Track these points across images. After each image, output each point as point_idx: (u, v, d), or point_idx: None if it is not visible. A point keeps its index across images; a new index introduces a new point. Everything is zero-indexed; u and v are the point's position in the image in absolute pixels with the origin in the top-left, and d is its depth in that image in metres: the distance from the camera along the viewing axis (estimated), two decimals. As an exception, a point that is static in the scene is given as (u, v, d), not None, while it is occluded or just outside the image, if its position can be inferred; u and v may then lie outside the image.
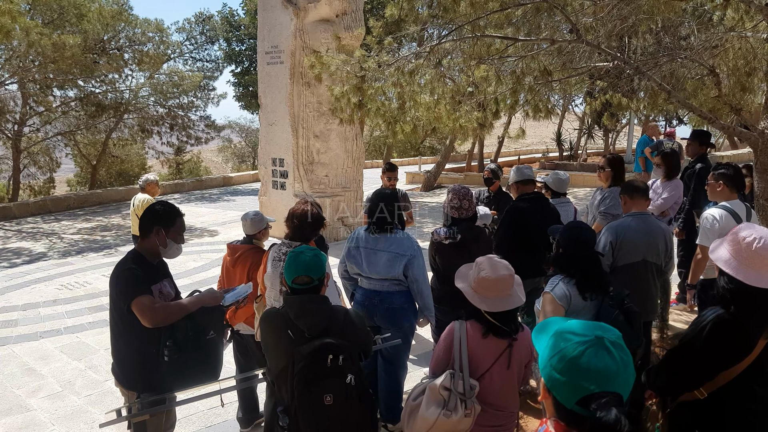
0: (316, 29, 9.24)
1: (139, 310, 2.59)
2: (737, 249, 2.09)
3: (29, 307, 6.85)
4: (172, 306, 2.69)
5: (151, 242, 2.79)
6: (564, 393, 1.21)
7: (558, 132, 21.86)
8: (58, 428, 4.16)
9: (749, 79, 5.16)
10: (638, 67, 4.12)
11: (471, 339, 2.43)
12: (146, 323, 2.60)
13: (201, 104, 23.93)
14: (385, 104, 4.94)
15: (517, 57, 4.58)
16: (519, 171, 4.50)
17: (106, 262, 8.97)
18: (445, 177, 17.52)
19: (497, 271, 2.42)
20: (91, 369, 5.11)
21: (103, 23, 17.36)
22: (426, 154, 28.41)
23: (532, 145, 33.75)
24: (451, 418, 2.30)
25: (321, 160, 9.79)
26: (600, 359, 1.19)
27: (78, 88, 19.15)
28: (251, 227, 3.96)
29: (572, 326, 1.29)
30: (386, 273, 3.52)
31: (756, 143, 3.82)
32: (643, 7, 3.86)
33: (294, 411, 2.17)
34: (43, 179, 23.82)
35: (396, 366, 3.69)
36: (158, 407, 2.70)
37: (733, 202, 3.87)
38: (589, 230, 2.91)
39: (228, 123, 31.67)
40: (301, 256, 2.32)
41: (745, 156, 15.33)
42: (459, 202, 3.80)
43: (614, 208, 4.55)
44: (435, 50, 4.43)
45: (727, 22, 4.58)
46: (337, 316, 2.32)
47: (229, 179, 19.70)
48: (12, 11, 10.83)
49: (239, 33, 22.14)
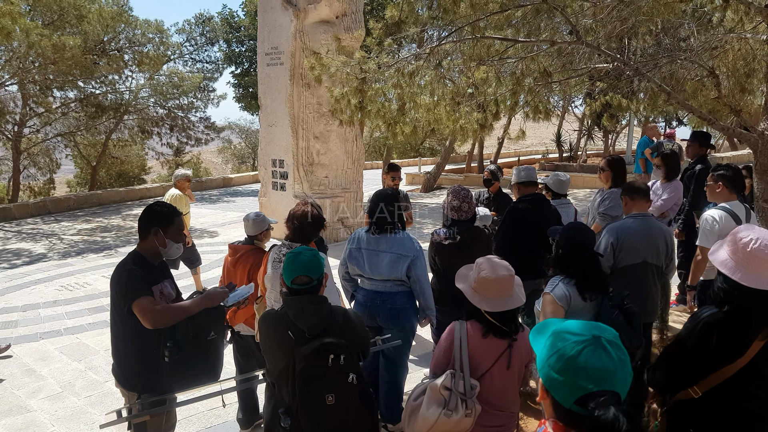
0: (316, 30, 9.25)
1: (140, 312, 2.59)
2: (734, 249, 2.10)
3: (29, 308, 6.85)
4: (174, 307, 2.69)
5: (151, 243, 2.79)
6: (562, 393, 1.22)
7: (558, 133, 21.88)
8: (58, 429, 4.16)
9: (749, 81, 5.17)
10: (638, 69, 4.12)
11: (471, 339, 2.43)
12: (147, 325, 2.59)
13: (201, 105, 23.97)
14: (385, 105, 4.95)
15: (517, 58, 4.59)
16: (521, 172, 4.49)
17: (106, 263, 8.97)
18: (444, 178, 17.53)
19: (497, 271, 2.43)
20: (91, 370, 5.11)
21: (103, 24, 17.38)
22: (426, 155, 28.44)
23: (532, 147, 33.79)
24: (451, 417, 2.31)
25: (321, 161, 9.80)
26: (597, 358, 1.19)
27: (78, 89, 19.18)
28: (253, 228, 3.97)
29: (569, 326, 1.30)
30: (389, 274, 3.52)
31: (756, 144, 3.82)
32: (643, 8, 3.87)
33: (295, 411, 2.18)
34: (43, 180, 23.83)
35: (397, 366, 3.70)
36: (158, 408, 2.70)
37: (733, 204, 3.87)
38: (588, 231, 2.92)
39: (228, 124, 31.72)
40: (300, 257, 2.33)
41: (745, 157, 15.35)
42: (459, 203, 3.81)
43: (613, 210, 4.56)
44: (435, 51, 4.43)
45: (726, 24, 4.59)
46: (336, 316, 2.33)
47: (229, 180, 19.71)
48: (12, 12, 10.84)
49: (239, 34, 22.16)
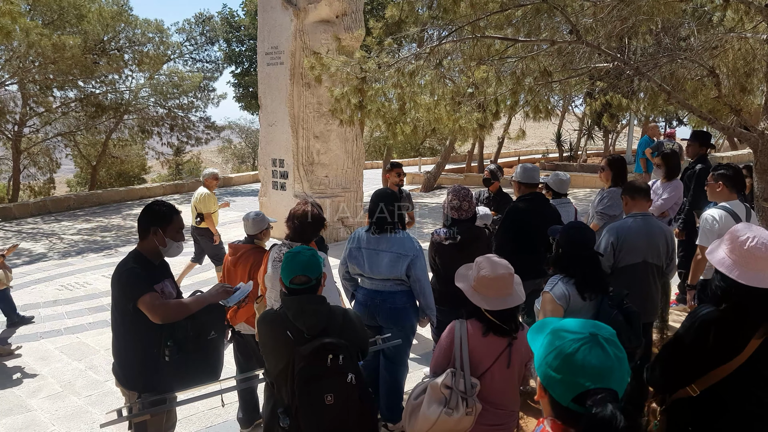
0: (316, 30, 9.25)
1: (148, 308, 2.60)
2: (731, 248, 2.10)
3: (29, 308, 6.85)
4: (180, 302, 2.70)
5: (151, 243, 2.79)
6: (560, 390, 1.22)
7: (558, 133, 21.88)
8: (58, 428, 4.16)
9: (749, 80, 5.17)
10: (638, 68, 4.12)
11: (472, 338, 2.43)
12: (156, 319, 2.60)
13: (201, 105, 23.96)
14: (385, 105, 4.95)
15: (517, 58, 4.58)
16: (526, 172, 4.44)
17: (106, 262, 8.97)
18: (444, 178, 17.53)
19: (497, 270, 2.43)
20: (91, 369, 5.11)
21: (103, 24, 17.38)
22: (426, 155, 28.42)
23: (532, 146, 33.77)
24: (452, 416, 2.31)
25: (321, 160, 9.80)
26: (594, 356, 1.20)
27: (78, 88, 19.19)
28: (253, 227, 3.97)
29: (567, 325, 1.30)
30: (389, 273, 3.53)
31: (756, 144, 3.82)
32: (643, 8, 3.86)
33: (294, 411, 2.18)
34: (43, 180, 23.83)
35: (398, 365, 3.70)
36: (159, 407, 2.70)
37: (733, 203, 3.87)
38: (588, 230, 2.92)
39: (228, 124, 31.67)
40: (299, 257, 2.32)
41: (745, 157, 15.35)
42: (459, 202, 3.81)
43: (611, 209, 4.56)
44: (435, 51, 4.43)
45: (726, 23, 4.59)
46: (335, 316, 2.32)
47: (229, 180, 19.71)
48: (12, 12, 10.83)
49: (239, 34, 22.13)
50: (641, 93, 6.78)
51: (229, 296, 2.90)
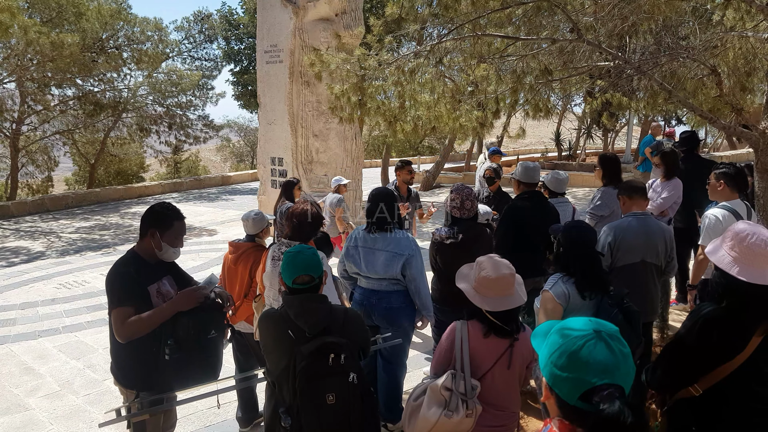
0: (315, 28, 9.23)
1: (113, 322, 2.60)
2: (731, 245, 2.11)
3: (27, 306, 6.83)
4: (145, 318, 2.59)
5: (147, 244, 2.76)
6: (566, 389, 1.22)
7: (557, 132, 21.87)
8: (56, 427, 4.15)
9: (749, 79, 5.16)
10: (639, 67, 4.11)
11: (472, 339, 2.42)
12: (118, 337, 2.60)
13: (199, 103, 23.95)
14: (385, 103, 4.94)
15: (518, 56, 4.57)
16: (525, 170, 4.38)
17: (105, 261, 8.95)
18: (444, 176, 17.52)
19: (498, 270, 2.41)
20: (89, 368, 5.09)
21: (102, 22, 17.32)
22: (425, 154, 28.41)
23: (531, 145, 33.77)
24: (452, 418, 2.29)
25: (320, 159, 9.78)
26: (599, 352, 1.20)
27: (76, 86, 19.14)
28: (253, 227, 3.96)
29: (571, 323, 1.31)
30: (384, 272, 3.52)
31: (757, 143, 3.82)
32: (644, 6, 3.85)
33: (296, 410, 2.16)
34: (41, 178, 23.80)
35: (395, 365, 3.69)
36: (158, 407, 2.69)
37: (734, 202, 3.86)
38: (589, 229, 2.90)
39: (227, 122, 31.68)
40: (300, 256, 2.30)
41: (744, 156, 15.35)
42: (461, 201, 3.79)
43: (600, 209, 4.57)
44: (435, 49, 4.41)
45: (727, 22, 4.58)
46: (337, 315, 2.31)
47: (227, 178, 19.68)
48: (11, 8, 10.80)
49: (238, 32, 22.08)
50: (641, 92, 6.77)
51: (198, 297, 2.71)
